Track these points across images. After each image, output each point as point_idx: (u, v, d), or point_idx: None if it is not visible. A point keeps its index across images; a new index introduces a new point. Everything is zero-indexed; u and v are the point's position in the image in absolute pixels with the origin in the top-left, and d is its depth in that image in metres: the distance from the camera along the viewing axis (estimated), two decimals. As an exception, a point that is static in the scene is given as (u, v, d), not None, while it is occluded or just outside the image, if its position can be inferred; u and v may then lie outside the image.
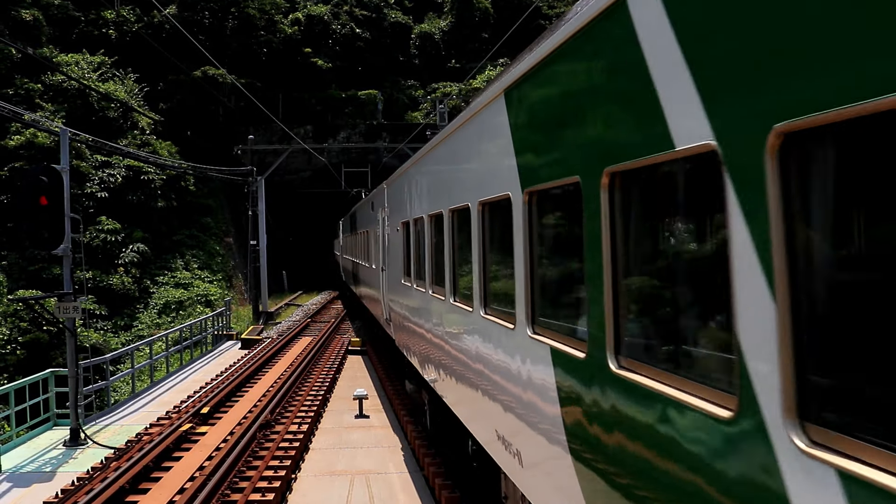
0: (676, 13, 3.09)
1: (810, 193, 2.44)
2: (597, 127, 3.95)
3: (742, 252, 2.63)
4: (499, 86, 5.92)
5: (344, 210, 38.52)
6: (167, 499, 10.36)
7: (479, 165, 6.94)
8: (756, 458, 2.60)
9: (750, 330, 2.61)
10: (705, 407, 2.93)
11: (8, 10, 37.86)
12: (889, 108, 1.98)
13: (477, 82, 46.01)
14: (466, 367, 7.44)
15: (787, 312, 2.44)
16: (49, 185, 13.63)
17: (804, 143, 2.39)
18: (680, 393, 3.15)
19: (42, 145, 32.25)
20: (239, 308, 37.07)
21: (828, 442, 2.29)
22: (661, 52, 3.18)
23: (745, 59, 2.60)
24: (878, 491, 2.05)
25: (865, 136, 2.19)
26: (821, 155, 2.40)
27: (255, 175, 36.99)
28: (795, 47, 2.34)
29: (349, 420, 15.47)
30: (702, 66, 2.91)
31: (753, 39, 2.56)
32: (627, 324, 3.76)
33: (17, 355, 25.39)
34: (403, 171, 12.64)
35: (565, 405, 4.50)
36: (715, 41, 2.82)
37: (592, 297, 3.97)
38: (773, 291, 2.48)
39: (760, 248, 2.54)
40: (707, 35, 2.88)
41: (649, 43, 3.29)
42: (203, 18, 46.09)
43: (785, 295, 2.45)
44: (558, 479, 4.65)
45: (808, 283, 2.44)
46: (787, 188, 2.45)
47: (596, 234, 3.89)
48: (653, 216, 3.73)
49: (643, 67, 3.32)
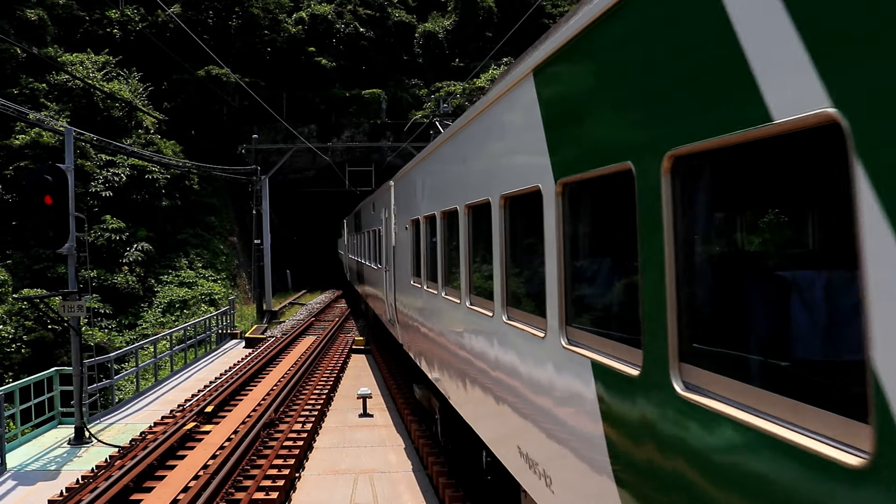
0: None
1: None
2: (656, 104, 3.30)
3: (876, 243, 2.05)
4: (526, 65, 5.22)
5: (348, 209, 38.48)
6: (171, 497, 10.37)
7: (501, 156, 6.23)
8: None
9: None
10: (824, 451, 2.22)
11: (13, 9, 37.92)
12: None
13: (481, 81, 45.97)
14: (485, 377, 6.74)
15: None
16: (54, 185, 13.65)
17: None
18: (772, 426, 2.46)
19: (47, 144, 32.31)
20: (243, 307, 37.12)
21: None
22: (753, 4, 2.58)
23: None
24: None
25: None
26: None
27: (259, 174, 37.02)
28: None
29: (353, 419, 15.48)
30: (818, 18, 2.28)
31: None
32: (696, 336, 3.08)
33: (21, 354, 25.44)
34: (413, 167, 12.02)
35: (610, 426, 3.83)
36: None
37: (649, 303, 3.31)
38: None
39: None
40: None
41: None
42: (207, 18, 46.13)
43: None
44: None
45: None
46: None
47: (654, 227, 3.25)
48: (733, 204, 3.14)
49: (725, 26, 2.73)
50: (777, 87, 2.46)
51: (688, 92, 3.02)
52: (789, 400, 2.43)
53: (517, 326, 5.59)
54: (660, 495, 3.31)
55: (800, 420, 2.36)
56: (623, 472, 3.68)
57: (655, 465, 3.33)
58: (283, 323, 33.94)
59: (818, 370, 2.52)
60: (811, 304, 2.61)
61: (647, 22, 3.38)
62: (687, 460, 3.05)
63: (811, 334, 2.61)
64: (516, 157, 5.71)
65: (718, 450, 2.81)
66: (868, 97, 2.07)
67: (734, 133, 2.66)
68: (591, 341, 4.16)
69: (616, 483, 3.75)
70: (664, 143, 3.16)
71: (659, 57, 3.26)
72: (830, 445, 2.20)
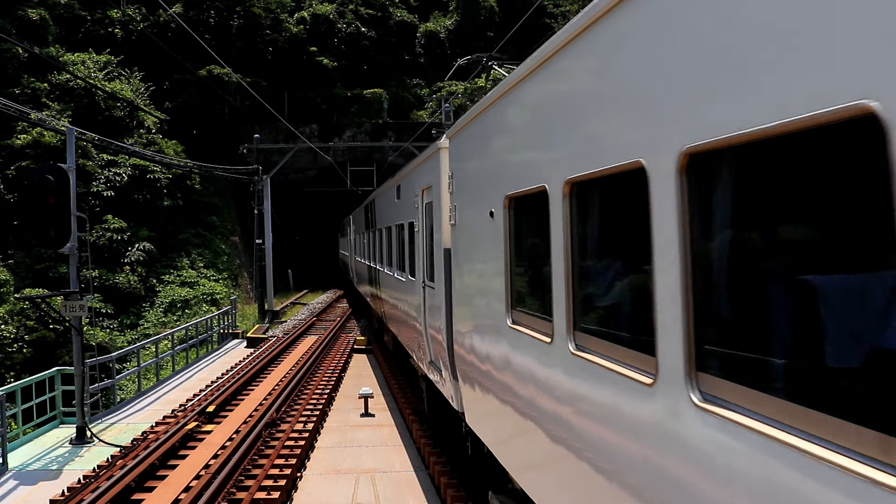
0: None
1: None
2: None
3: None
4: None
5: (349, 209, 38.39)
6: (173, 497, 10.36)
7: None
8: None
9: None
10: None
11: (15, 9, 37.96)
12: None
13: (482, 81, 45.95)
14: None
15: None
16: (55, 184, 13.65)
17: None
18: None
19: (48, 144, 32.34)
20: (244, 307, 37.14)
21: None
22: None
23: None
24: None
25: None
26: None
27: (260, 174, 37.04)
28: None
29: (355, 419, 15.47)
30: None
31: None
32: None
33: (23, 353, 25.47)
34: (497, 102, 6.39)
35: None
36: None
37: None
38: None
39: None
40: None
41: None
42: (209, 17, 46.17)
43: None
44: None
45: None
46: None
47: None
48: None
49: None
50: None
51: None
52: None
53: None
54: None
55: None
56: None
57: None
58: (284, 323, 33.94)
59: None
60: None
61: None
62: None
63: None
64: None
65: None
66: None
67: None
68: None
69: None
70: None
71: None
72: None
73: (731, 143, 2.68)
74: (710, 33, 2.85)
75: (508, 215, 5.93)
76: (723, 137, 2.70)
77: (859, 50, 2.06)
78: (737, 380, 2.67)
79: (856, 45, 2.07)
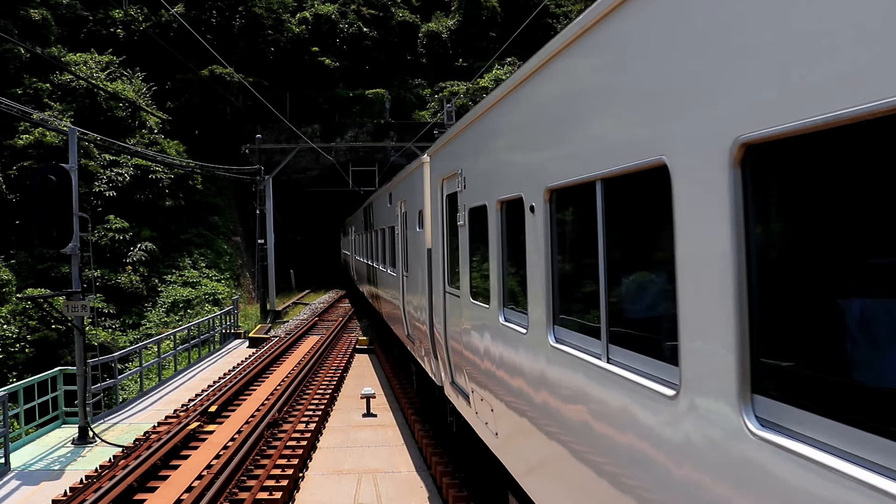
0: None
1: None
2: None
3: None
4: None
5: (351, 209, 38.37)
6: (175, 497, 10.36)
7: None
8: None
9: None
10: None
11: (17, 9, 37.99)
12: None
13: (485, 81, 45.96)
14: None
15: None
16: (57, 184, 13.65)
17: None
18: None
19: (50, 144, 32.37)
20: (247, 306, 37.14)
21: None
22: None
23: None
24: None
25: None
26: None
27: (262, 174, 37.04)
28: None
29: (357, 419, 15.46)
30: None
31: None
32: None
33: (25, 353, 25.47)
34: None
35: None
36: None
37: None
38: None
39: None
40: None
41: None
42: (210, 17, 46.18)
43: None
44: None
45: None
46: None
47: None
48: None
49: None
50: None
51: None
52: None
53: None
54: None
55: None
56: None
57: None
58: (286, 323, 33.94)
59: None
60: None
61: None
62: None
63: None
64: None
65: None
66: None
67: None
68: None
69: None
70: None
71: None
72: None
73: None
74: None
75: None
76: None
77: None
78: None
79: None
